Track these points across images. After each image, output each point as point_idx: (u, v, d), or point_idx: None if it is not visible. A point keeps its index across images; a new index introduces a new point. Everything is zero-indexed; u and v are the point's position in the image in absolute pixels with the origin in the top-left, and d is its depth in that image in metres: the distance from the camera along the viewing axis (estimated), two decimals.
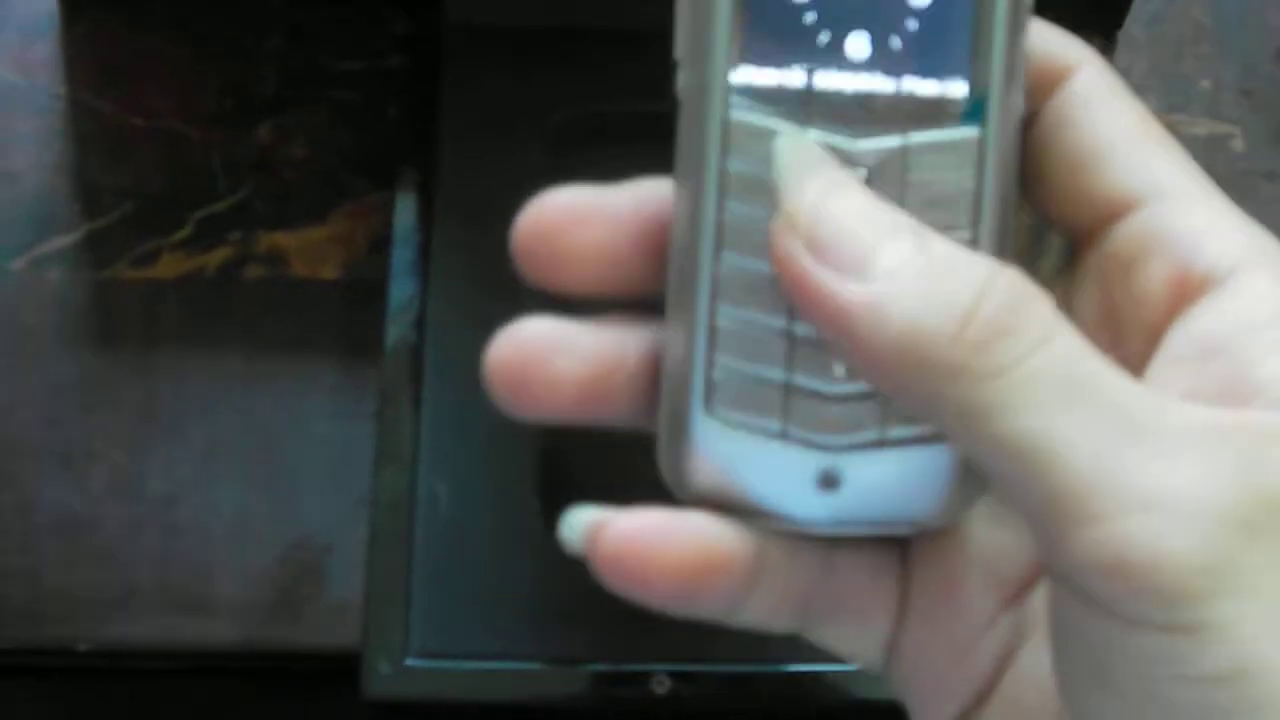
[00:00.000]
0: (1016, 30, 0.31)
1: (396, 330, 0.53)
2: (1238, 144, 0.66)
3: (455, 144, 0.57)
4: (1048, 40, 0.32)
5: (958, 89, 0.31)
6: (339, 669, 0.50)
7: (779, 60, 0.31)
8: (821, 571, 0.33)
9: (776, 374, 0.31)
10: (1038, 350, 0.28)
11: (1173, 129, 0.65)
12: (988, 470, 0.30)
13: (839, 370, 0.31)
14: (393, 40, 0.63)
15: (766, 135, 0.30)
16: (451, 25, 0.59)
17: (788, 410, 0.31)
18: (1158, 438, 0.28)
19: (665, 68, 0.33)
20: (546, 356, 0.32)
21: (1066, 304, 0.32)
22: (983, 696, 0.33)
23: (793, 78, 0.31)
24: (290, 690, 0.55)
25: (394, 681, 0.48)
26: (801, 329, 0.31)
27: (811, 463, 0.31)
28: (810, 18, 0.31)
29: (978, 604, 0.33)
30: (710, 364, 0.31)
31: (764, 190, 0.30)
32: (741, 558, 0.31)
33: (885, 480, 0.31)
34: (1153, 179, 0.32)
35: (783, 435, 0.31)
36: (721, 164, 0.31)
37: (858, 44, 0.31)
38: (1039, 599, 0.33)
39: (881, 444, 0.31)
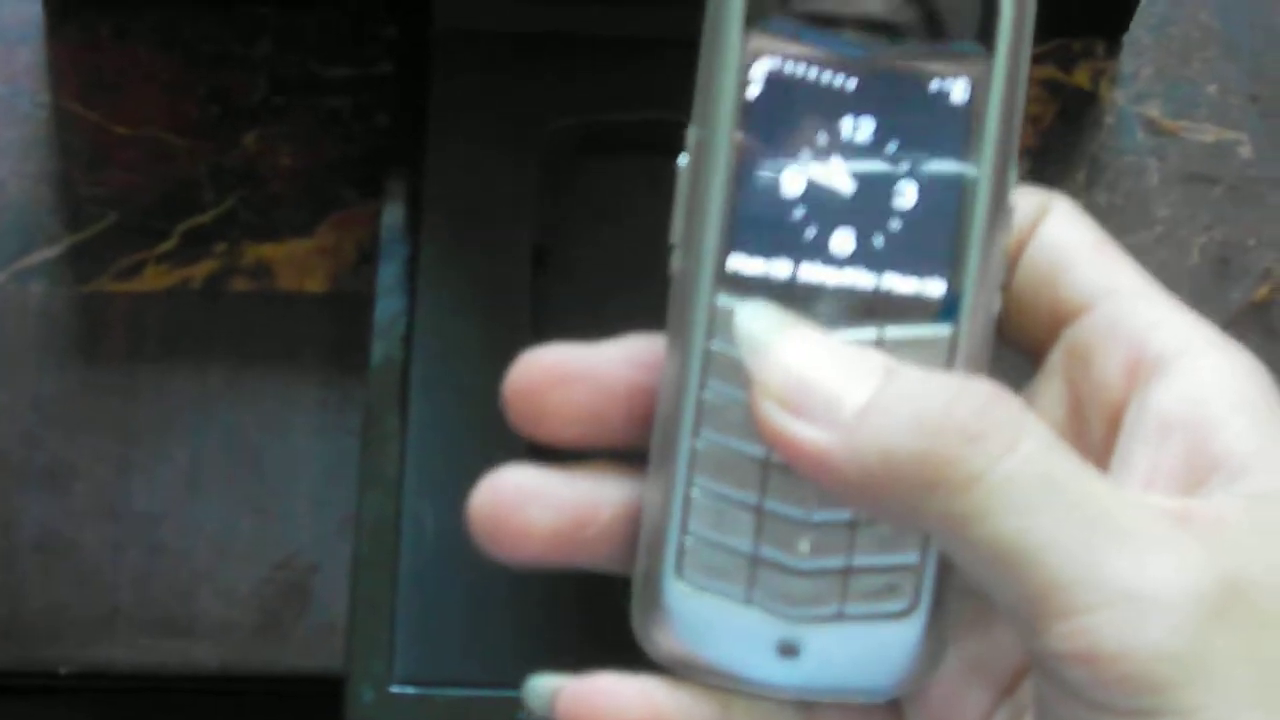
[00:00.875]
0: (995, 232, 0.33)
1: (382, 347, 0.53)
2: (1245, 150, 0.65)
3: (443, 152, 0.56)
4: (1026, 194, 0.35)
5: (935, 287, 0.32)
6: (324, 691, 0.50)
7: (766, 251, 0.32)
8: (797, 716, 0.35)
9: (745, 545, 0.33)
10: (1008, 454, 0.30)
11: (1179, 134, 0.65)
12: (970, 571, 0.31)
13: (804, 546, 0.33)
14: (381, 46, 0.62)
15: None
16: (439, 31, 0.58)
17: (753, 580, 0.33)
18: (1127, 534, 0.30)
19: (654, 76, 0.33)
20: (521, 506, 0.34)
21: (1032, 404, 0.34)
22: None
23: (778, 269, 0.32)
24: (274, 713, 0.55)
25: (378, 709, 0.48)
26: (771, 505, 0.33)
27: (773, 631, 0.33)
28: (799, 213, 0.32)
29: (972, 703, 0.35)
30: (684, 531, 0.33)
31: (744, 373, 0.32)
32: (691, 715, 0.34)
33: (845, 651, 0.33)
34: (1107, 281, 0.34)
35: (747, 603, 0.33)
36: (706, 346, 0.33)
37: (842, 240, 0.32)
38: (1030, 684, 0.34)
39: (841, 618, 0.33)
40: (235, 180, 0.60)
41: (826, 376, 0.31)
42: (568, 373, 0.34)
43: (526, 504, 0.34)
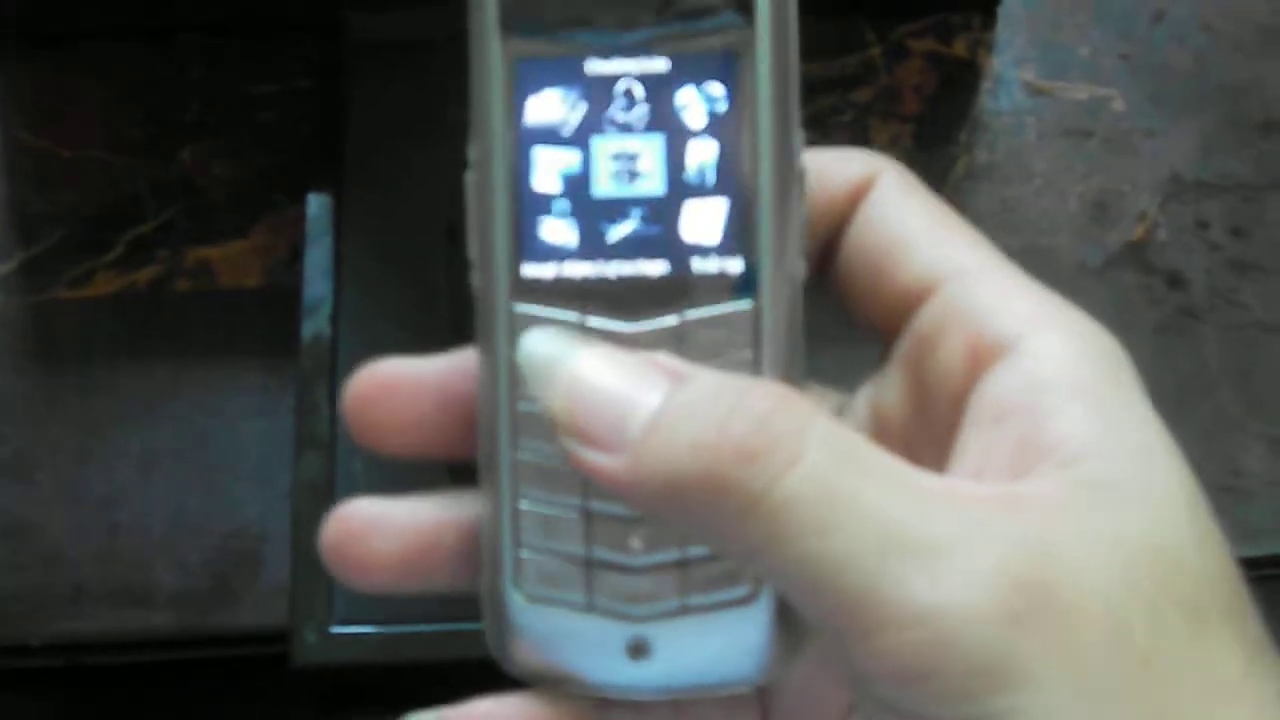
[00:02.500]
0: (785, 200, 0.31)
1: (311, 326, 0.56)
2: (1118, 105, 0.68)
3: (362, 154, 0.60)
4: (847, 159, 0.34)
5: (731, 264, 0.31)
6: (276, 650, 0.52)
7: (557, 255, 0.32)
8: (675, 713, 0.33)
9: (577, 550, 0.32)
10: (788, 472, 0.28)
11: (1054, 95, 0.69)
12: (781, 592, 0.31)
13: (636, 543, 0.31)
14: (302, 64, 0.65)
15: (551, 326, 0.31)
16: (353, 46, 0.62)
17: (591, 584, 0.32)
18: (921, 546, 0.28)
19: None
20: (365, 537, 0.33)
21: (879, 395, 0.34)
22: None
23: (571, 270, 0.32)
24: (230, 671, 0.58)
25: (320, 649, 0.51)
26: (597, 506, 0.31)
27: (620, 633, 0.32)
28: (583, 212, 0.31)
29: (832, 700, 0.34)
30: (517, 544, 0.32)
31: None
32: None
33: (696, 646, 0.32)
34: (947, 262, 0.33)
35: (589, 608, 0.32)
36: (510, 356, 0.31)
37: (631, 231, 0.31)
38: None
39: (685, 611, 0.32)
40: (174, 192, 0.63)
41: (610, 398, 0.30)
42: (394, 384, 0.34)
43: (370, 535, 0.33)
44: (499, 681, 0.34)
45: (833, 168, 0.34)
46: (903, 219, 0.34)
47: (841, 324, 0.34)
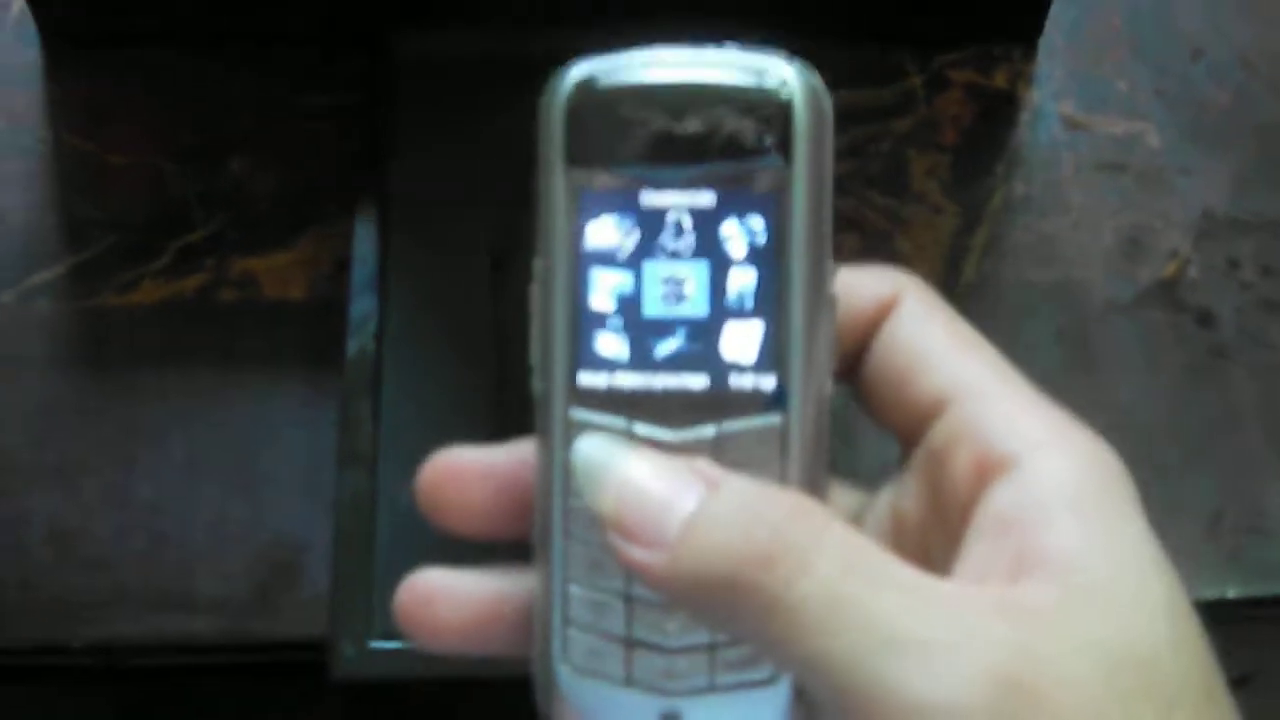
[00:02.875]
0: (816, 324, 0.35)
1: (356, 342, 0.57)
2: (1153, 140, 0.69)
3: (410, 171, 0.61)
4: (878, 277, 0.37)
5: (764, 381, 0.35)
6: (313, 657, 0.53)
7: (609, 367, 0.35)
8: None
9: (619, 631, 0.35)
10: (801, 578, 0.32)
11: (1091, 128, 0.69)
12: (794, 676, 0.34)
13: (671, 627, 0.35)
14: (352, 78, 0.66)
15: (601, 431, 0.35)
16: (403, 62, 0.63)
17: (631, 662, 0.36)
18: (919, 645, 0.31)
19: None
20: (433, 603, 0.37)
21: (898, 501, 0.37)
22: None
23: (622, 381, 0.35)
24: (268, 679, 0.59)
25: (359, 662, 0.52)
26: (638, 592, 0.35)
27: (654, 706, 0.36)
28: (636, 329, 0.35)
29: None
30: (566, 623, 0.36)
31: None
32: None
33: (721, 718, 0.36)
34: (962, 380, 0.36)
35: (628, 682, 0.36)
36: (565, 458, 0.35)
37: (677, 349, 0.35)
38: None
39: (713, 689, 0.35)
40: (222, 201, 0.64)
41: (653, 500, 0.33)
42: (462, 471, 0.38)
43: (438, 603, 0.38)
44: (531, 700, 0.37)
45: (863, 283, 0.37)
46: (923, 337, 0.37)
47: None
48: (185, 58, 0.67)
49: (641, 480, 0.34)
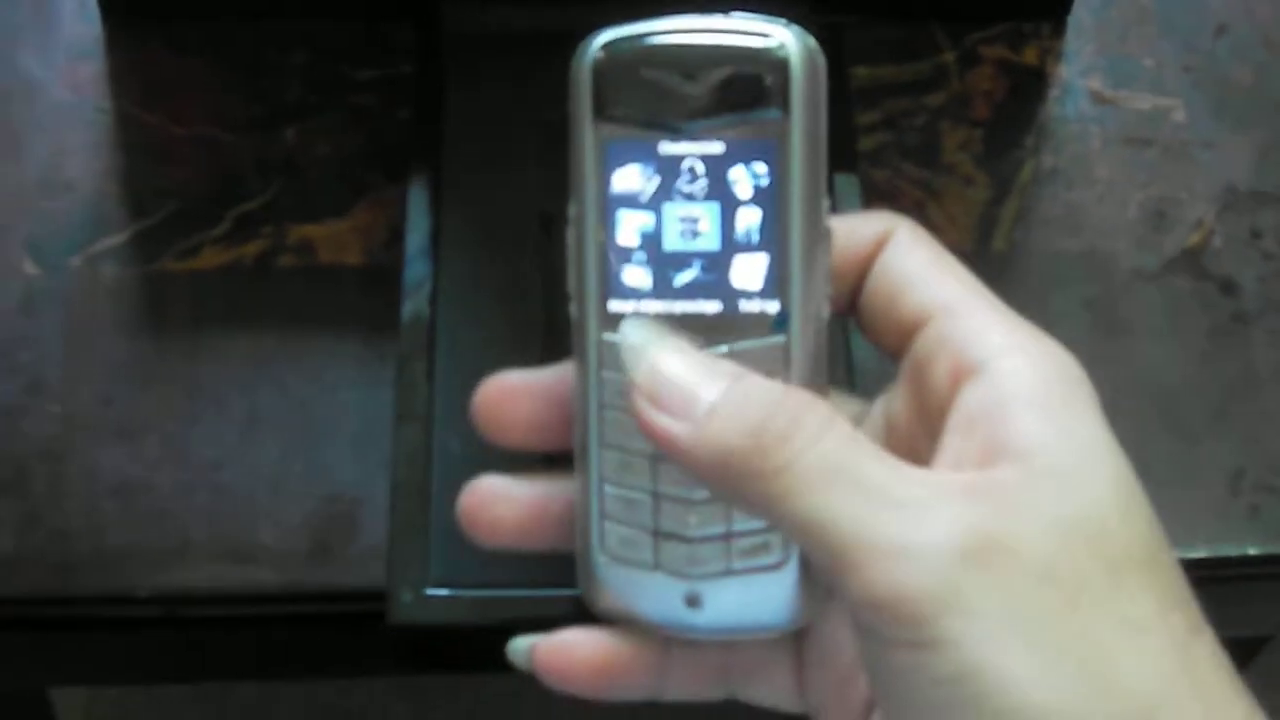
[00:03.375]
0: (813, 255, 0.40)
1: (411, 306, 0.59)
2: (1179, 115, 0.71)
3: (459, 140, 0.63)
4: (871, 221, 0.43)
5: (769, 306, 0.40)
6: (371, 607, 0.55)
7: (636, 296, 0.41)
8: (725, 651, 0.43)
9: (648, 524, 0.41)
10: (811, 447, 0.37)
11: (1118, 104, 0.71)
12: (793, 540, 0.39)
13: (693, 520, 0.41)
14: (402, 50, 0.68)
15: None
16: (451, 34, 0.65)
17: (657, 549, 0.41)
18: (903, 502, 0.36)
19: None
20: (490, 504, 0.44)
21: (889, 407, 0.43)
22: (870, 707, 0.42)
23: (647, 307, 0.40)
24: (328, 626, 0.61)
25: (416, 609, 0.54)
26: (664, 490, 0.41)
27: (679, 588, 0.41)
28: (657, 262, 0.40)
29: (851, 648, 0.42)
30: (603, 519, 0.42)
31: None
32: (638, 654, 0.43)
33: (738, 599, 0.41)
34: (940, 298, 0.41)
35: (655, 567, 0.41)
36: (599, 374, 0.41)
37: (693, 278, 0.40)
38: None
39: (729, 573, 0.41)
40: (278, 170, 0.66)
41: (685, 380, 0.38)
42: (515, 389, 0.44)
43: (496, 504, 0.44)
44: None
45: (861, 225, 0.43)
46: (909, 263, 0.42)
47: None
48: (240, 30, 0.69)
49: (675, 362, 0.39)
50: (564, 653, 0.43)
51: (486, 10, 0.66)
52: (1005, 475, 0.37)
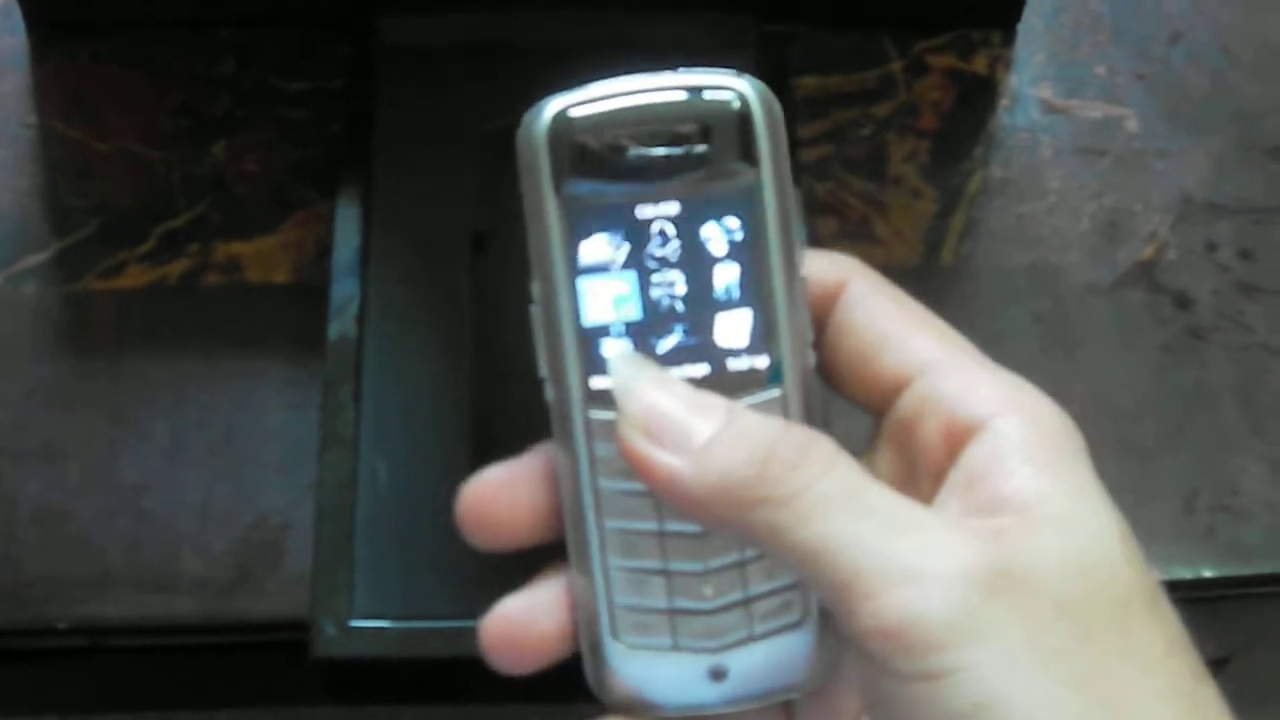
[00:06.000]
0: (794, 305, 0.39)
1: (338, 326, 0.57)
2: (1132, 125, 0.69)
3: (390, 155, 0.61)
4: (821, 264, 0.41)
5: (760, 361, 0.39)
6: (295, 637, 0.54)
7: None
8: None
9: (661, 603, 0.39)
10: (822, 477, 0.36)
11: (1069, 113, 0.70)
12: (797, 573, 0.38)
13: (708, 591, 0.39)
14: (334, 62, 0.66)
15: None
16: (386, 47, 0.63)
17: (675, 628, 0.39)
18: (916, 532, 0.36)
19: (575, 79, 0.39)
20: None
21: (872, 467, 0.41)
22: None
23: None
24: (251, 658, 0.59)
25: (339, 642, 0.52)
26: (674, 565, 0.39)
27: (702, 664, 0.40)
28: (637, 332, 0.38)
29: (847, 706, 0.41)
30: (611, 603, 0.40)
31: (624, 467, 0.38)
32: None
33: (761, 664, 0.40)
34: (920, 357, 0.40)
35: (675, 648, 0.40)
36: (590, 450, 0.39)
37: (677, 343, 0.39)
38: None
39: (752, 639, 0.39)
40: (205, 186, 0.64)
41: (680, 414, 0.37)
42: (504, 486, 0.41)
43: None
44: (504, 678, 0.40)
45: (809, 273, 0.40)
46: (879, 317, 0.41)
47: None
48: (169, 44, 0.67)
49: (669, 396, 0.38)
50: None
51: (424, 22, 0.64)
52: (1007, 522, 0.37)
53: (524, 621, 0.41)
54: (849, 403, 0.42)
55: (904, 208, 0.66)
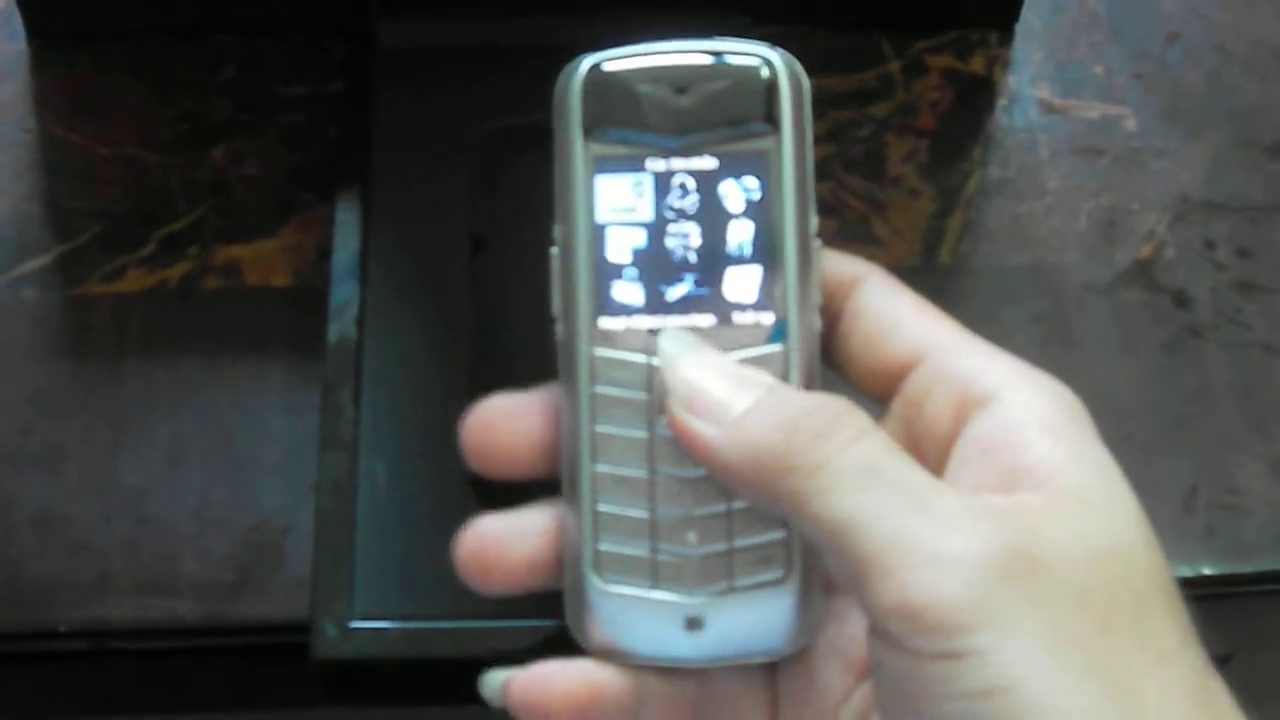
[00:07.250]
0: (805, 267, 0.40)
1: (337, 328, 0.57)
2: (1129, 124, 0.70)
3: (388, 159, 0.61)
4: (842, 262, 0.43)
5: (765, 317, 0.40)
6: (296, 639, 0.53)
7: (627, 311, 0.41)
8: (699, 687, 0.42)
9: (646, 545, 0.40)
10: (850, 448, 0.37)
11: (1067, 113, 0.70)
12: (817, 544, 0.38)
13: (692, 537, 0.40)
14: (332, 67, 0.67)
15: (622, 366, 0.40)
16: (384, 51, 0.64)
17: (657, 571, 0.40)
18: (940, 512, 0.36)
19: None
20: (498, 546, 0.43)
21: None
22: None
23: (638, 323, 0.41)
24: (252, 661, 0.59)
25: (340, 643, 0.52)
26: (661, 510, 0.40)
27: (679, 610, 0.40)
28: (648, 278, 0.40)
29: (833, 684, 0.41)
30: (596, 543, 0.41)
31: (623, 408, 0.40)
32: (618, 689, 0.41)
33: (739, 621, 0.40)
34: (931, 339, 0.41)
35: (654, 588, 0.40)
36: (591, 391, 0.40)
37: (686, 292, 0.40)
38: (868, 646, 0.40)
39: (731, 591, 0.40)
40: (205, 191, 0.65)
41: (719, 387, 0.39)
42: (505, 415, 0.43)
43: (504, 544, 0.43)
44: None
45: (831, 265, 0.42)
46: (891, 306, 0.42)
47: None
48: (168, 49, 0.67)
49: (711, 371, 0.39)
50: (542, 687, 0.42)
51: (421, 26, 0.64)
52: (1029, 499, 0.37)
53: (496, 543, 0.42)
54: (858, 392, 0.42)
55: (902, 208, 0.66)
